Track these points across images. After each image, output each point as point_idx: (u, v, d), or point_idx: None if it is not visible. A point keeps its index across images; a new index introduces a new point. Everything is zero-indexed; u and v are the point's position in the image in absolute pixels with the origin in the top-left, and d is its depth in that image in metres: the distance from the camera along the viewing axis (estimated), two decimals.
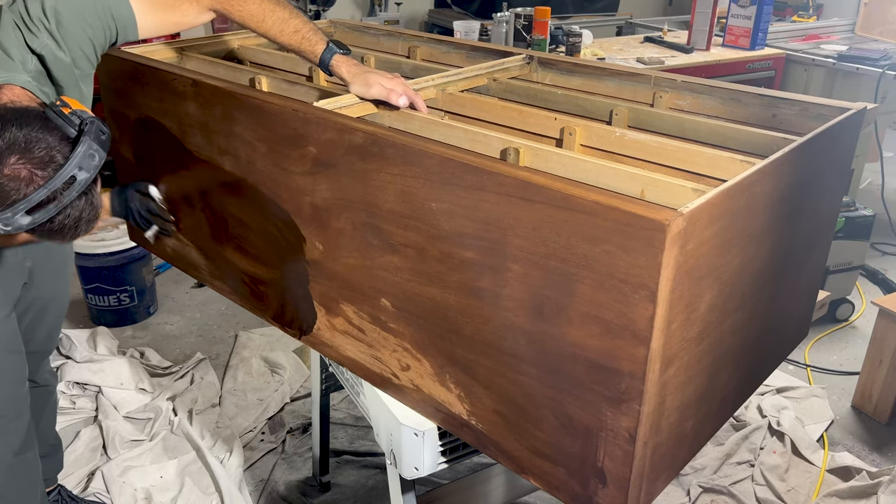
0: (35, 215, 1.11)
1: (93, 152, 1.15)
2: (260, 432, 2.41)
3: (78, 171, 1.13)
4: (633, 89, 1.62)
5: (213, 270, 1.75)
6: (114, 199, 1.72)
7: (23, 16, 1.29)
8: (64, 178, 1.12)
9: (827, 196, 1.44)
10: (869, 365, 2.48)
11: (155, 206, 1.72)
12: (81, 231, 1.20)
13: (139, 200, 1.71)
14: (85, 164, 1.14)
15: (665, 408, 1.07)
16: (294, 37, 1.47)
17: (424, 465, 1.38)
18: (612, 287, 0.98)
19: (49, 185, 1.11)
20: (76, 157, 1.13)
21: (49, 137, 1.13)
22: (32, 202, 1.10)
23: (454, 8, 4.83)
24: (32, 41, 1.30)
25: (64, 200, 1.13)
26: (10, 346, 1.60)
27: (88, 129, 1.15)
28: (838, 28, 3.87)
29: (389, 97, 1.42)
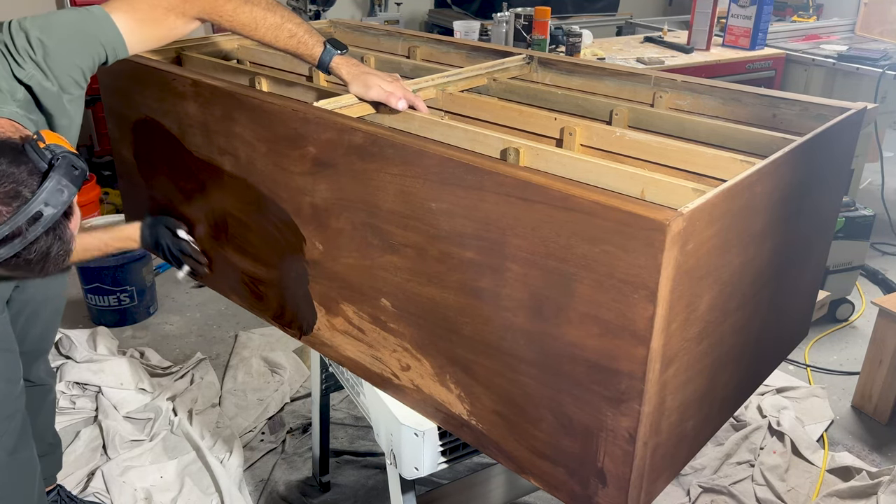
0: (2, 250, 1.08)
1: (61, 188, 1.11)
2: (260, 432, 2.41)
3: (44, 206, 1.09)
4: (633, 89, 1.62)
5: (214, 272, 1.75)
6: (144, 230, 1.70)
7: (8, 46, 1.27)
8: (29, 213, 1.09)
9: (827, 196, 1.44)
10: (869, 365, 2.47)
11: (187, 247, 1.69)
12: (51, 268, 1.16)
13: (171, 239, 1.68)
14: (52, 200, 1.10)
15: (665, 408, 1.07)
16: (290, 41, 1.46)
17: (424, 465, 1.38)
18: (612, 287, 0.98)
19: (12, 221, 1.07)
20: (43, 192, 1.09)
21: (17, 172, 1.10)
22: None
23: (454, 8, 4.83)
24: (19, 72, 1.27)
25: (29, 237, 1.09)
26: (1, 344, 1.59)
27: (59, 164, 1.12)
28: (838, 28, 3.87)
29: (388, 100, 1.42)
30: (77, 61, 1.33)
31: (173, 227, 1.69)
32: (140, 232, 1.70)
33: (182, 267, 1.71)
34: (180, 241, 1.68)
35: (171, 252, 1.69)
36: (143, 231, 1.70)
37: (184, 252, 1.69)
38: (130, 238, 1.70)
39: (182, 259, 1.69)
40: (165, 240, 1.68)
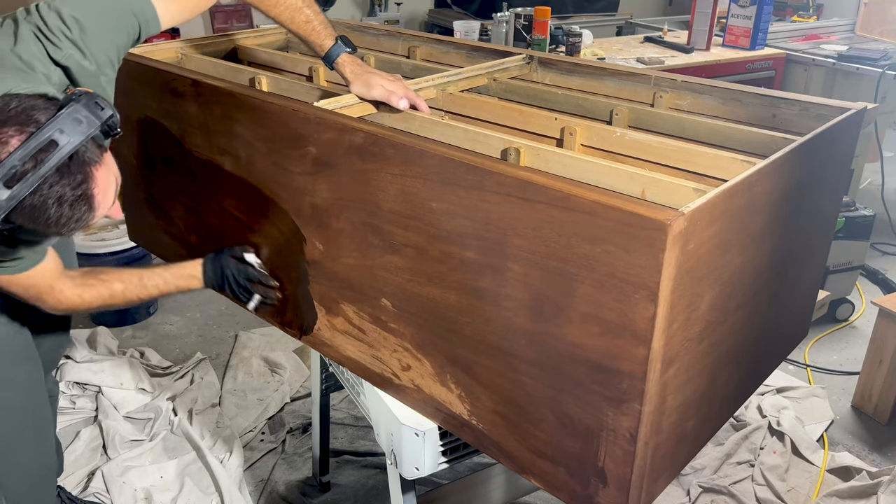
0: (15, 188, 1.01)
1: (80, 118, 1.05)
2: (260, 432, 2.41)
3: (59, 133, 1.02)
4: (633, 89, 1.62)
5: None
6: (207, 266, 1.54)
7: (41, 28, 1.23)
8: (42, 140, 1.01)
9: (827, 196, 1.44)
10: (869, 365, 2.47)
11: (254, 273, 1.52)
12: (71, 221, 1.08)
13: (236, 267, 1.51)
14: (68, 128, 1.03)
15: (666, 408, 1.07)
16: (305, 26, 1.47)
17: (425, 465, 1.38)
18: (613, 287, 0.98)
19: (26, 146, 1.00)
20: (58, 118, 1.03)
21: (35, 103, 1.05)
22: (7, 167, 1.00)
23: (454, 8, 4.83)
24: (56, 53, 1.23)
25: (43, 168, 1.02)
26: (25, 353, 1.58)
27: (79, 97, 1.06)
28: (838, 28, 3.87)
29: (390, 99, 1.42)
30: (113, 38, 1.30)
31: (239, 254, 1.53)
32: (202, 268, 1.54)
33: (251, 298, 1.53)
34: (247, 266, 1.52)
35: (238, 282, 1.51)
36: (205, 267, 1.54)
37: (251, 279, 1.52)
38: (193, 276, 1.53)
39: (250, 287, 1.52)
40: (230, 269, 1.51)
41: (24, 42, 1.21)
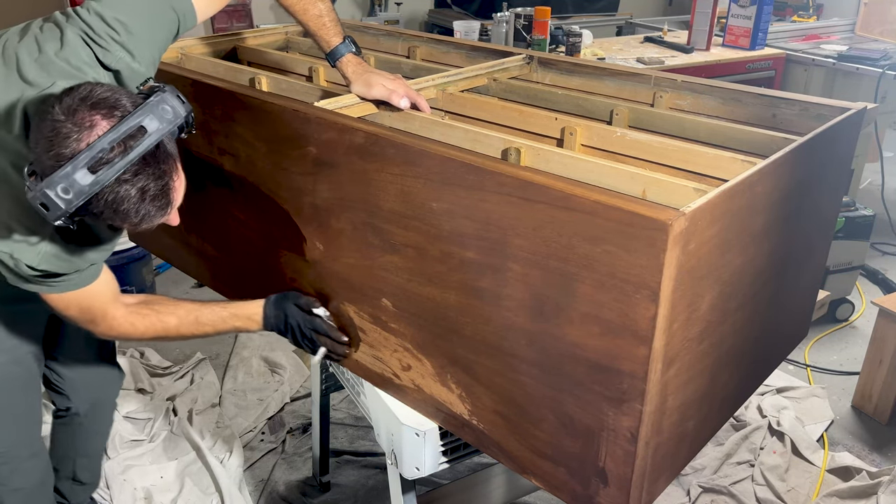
0: (100, 173, 0.99)
1: (166, 106, 1.04)
2: (260, 432, 2.41)
3: (148, 120, 1.01)
4: (633, 89, 1.62)
5: (215, 273, 1.75)
6: (268, 309, 1.45)
7: (87, 33, 1.20)
8: (132, 125, 1.00)
9: (827, 196, 1.44)
10: (869, 365, 2.47)
11: (322, 325, 1.42)
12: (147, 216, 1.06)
13: (302, 318, 1.43)
14: (157, 116, 1.02)
15: (666, 407, 1.07)
16: (316, 20, 1.48)
17: (425, 465, 1.38)
18: (614, 287, 0.98)
19: (116, 130, 0.99)
20: (147, 105, 1.02)
21: (120, 92, 1.04)
22: (95, 150, 0.98)
23: (454, 8, 4.83)
24: (106, 57, 1.21)
25: (131, 155, 1.00)
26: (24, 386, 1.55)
27: (164, 88, 1.05)
28: (838, 28, 3.87)
29: (391, 98, 1.42)
30: (157, 36, 1.29)
31: (305, 306, 1.44)
32: (263, 311, 1.45)
33: (318, 350, 1.44)
34: (314, 318, 1.43)
35: (303, 332, 1.43)
36: (266, 310, 1.45)
37: (318, 331, 1.43)
38: (251, 318, 1.45)
39: (317, 339, 1.43)
40: (295, 319, 1.43)
41: (71, 46, 1.19)
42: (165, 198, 1.08)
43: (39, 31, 1.21)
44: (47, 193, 0.98)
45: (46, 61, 1.17)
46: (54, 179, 0.98)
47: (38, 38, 1.20)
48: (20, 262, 1.17)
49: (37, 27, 1.23)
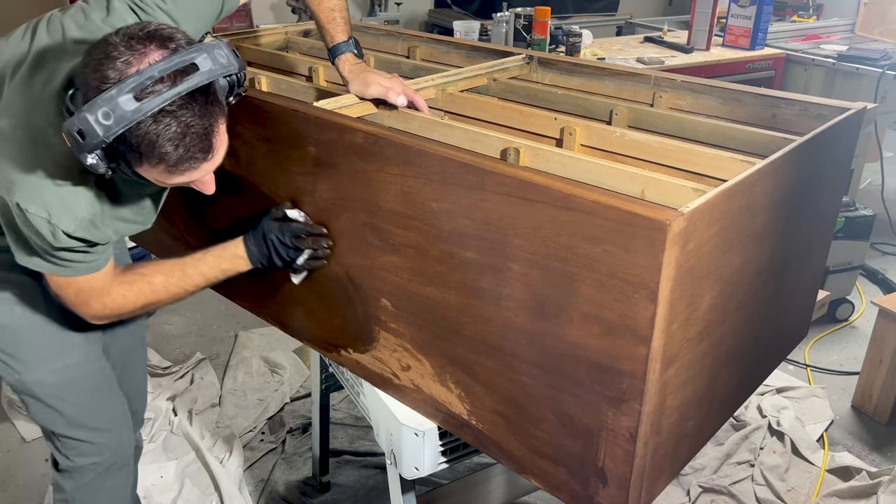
0: (145, 101, 0.95)
1: (222, 53, 1.01)
2: (260, 432, 2.41)
3: (201, 59, 0.98)
4: (633, 89, 1.62)
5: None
6: (249, 241, 1.39)
7: (135, 0, 1.21)
8: (185, 59, 0.97)
9: (827, 196, 1.44)
10: (869, 365, 2.48)
11: (300, 227, 1.37)
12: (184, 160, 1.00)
13: (279, 228, 1.37)
14: (211, 56, 0.99)
15: (666, 407, 1.07)
16: (327, 14, 1.49)
17: (425, 465, 1.38)
18: (613, 287, 0.98)
19: (168, 60, 0.95)
20: (203, 45, 0.99)
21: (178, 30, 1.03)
22: (144, 76, 0.94)
23: (454, 8, 4.82)
24: None
25: (179, 87, 0.96)
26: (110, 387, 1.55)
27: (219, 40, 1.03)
28: (838, 28, 3.87)
29: (387, 96, 1.42)
30: (202, 10, 1.29)
31: (279, 213, 1.39)
32: (244, 244, 1.40)
33: (300, 256, 1.37)
34: (290, 223, 1.37)
35: (284, 243, 1.36)
36: (247, 242, 1.39)
37: (297, 235, 1.36)
38: (236, 255, 1.40)
39: (299, 244, 1.36)
40: (274, 233, 1.37)
41: (117, 13, 1.19)
42: (207, 140, 1.03)
43: (84, 3, 1.22)
44: (87, 118, 0.94)
45: (93, 28, 1.17)
46: (97, 102, 0.94)
47: (84, 8, 1.21)
48: (57, 227, 1.13)
49: (81, 0, 1.24)
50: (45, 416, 1.48)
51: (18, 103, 1.14)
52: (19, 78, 1.15)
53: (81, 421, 1.50)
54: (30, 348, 1.42)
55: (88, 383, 1.50)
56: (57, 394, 1.46)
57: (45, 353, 1.43)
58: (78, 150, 0.98)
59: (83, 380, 1.48)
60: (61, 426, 1.49)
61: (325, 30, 1.50)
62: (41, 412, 1.48)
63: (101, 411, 1.53)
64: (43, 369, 1.43)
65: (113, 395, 1.56)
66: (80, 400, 1.49)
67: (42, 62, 1.15)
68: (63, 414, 1.47)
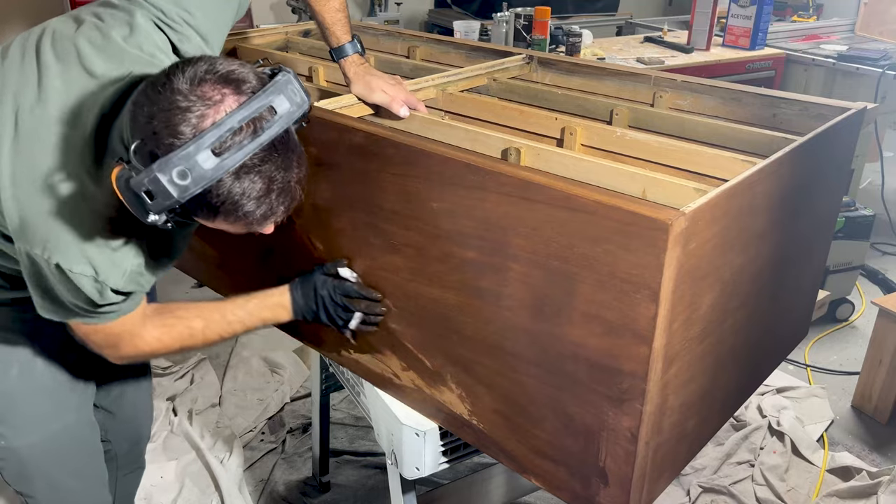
0: (225, 156, 0.84)
1: (294, 89, 0.90)
2: (260, 432, 2.41)
3: (278, 99, 0.87)
4: (633, 89, 1.62)
5: (215, 273, 1.75)
6: (295, 292, 1.33)
7: (159, 17, 1.10)
8: (263, 104, 0.86)
9: (827, 196, 1.44)
10: (869, 365, 2.48)
11: (353, 288, 1.31)
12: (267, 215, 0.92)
13: (331, 285, 1.31)
14: (287, 95, 0.88)
15: (667, 407, 1.07)
16: (333, 15, 1.48)
17: (425, 465, 1.38)
18: (614, 287, 0.98)
19: (246, 107, 0.85)
20: (277, 83, 0.88)
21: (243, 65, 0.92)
22: (224, 129, 0.84)
23: (454, 8, 4.82)
24: (182, 42, 1.11)
25: (262, 136, 0.86)
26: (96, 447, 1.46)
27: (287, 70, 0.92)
28: (838, 28, 3.87)
29: (391, 105, 1.42)
30: (224, 17, 1.21)
31: (332, 270, 1.34)
32: (290, 294, 1.34)
33: (352, 319, 1.32)
34: (343, 282, 1.32)
35: (334, 301, 1.31)
36: (293, 293, 1.33)
37: (349, 294, 1.31)
38: (280, 305, 1.33)
39: (350, 305, 1.31)
40: (325, 288, 1.31)
41: (142, 32, 1.08)
42: (291, 193, 0.94)
43: (98, 20, 1.09)
44: (158, 178, 0.83)
45: (116, 50, 1.05)
46: (171, 161, 0.83)
47: (100, 26, 1.08)
48: (105, 285, 1.02)
49: (91, 16, 1.11)
50: (26, 482, 1.38)
51: (41, 147, 1.01)
52: (36, 116, 1.02)
53: (66, 485, 1.41)
54: (24, 413, 1.32)
55: (78, 446, 1.41)
56: (46, 459, 1.36)
57: (40, 418, 1.34)
58: (141, 210, 0.87)
59: (74, 442, 1.40)
60: (43, 491, 1.39)
61: (329, 31, 1.49)
62: (24, 479, 1.37)
63: (85, 474, 1.46)
64: (36, 434, 1.34)
65: (97, 455, 1.48)
66: (67, 464, 1.40)
67: (61, 96, 1.02)
68: (49, 479, 1.38)
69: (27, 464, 1.35)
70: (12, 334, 1.29)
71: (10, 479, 1.38)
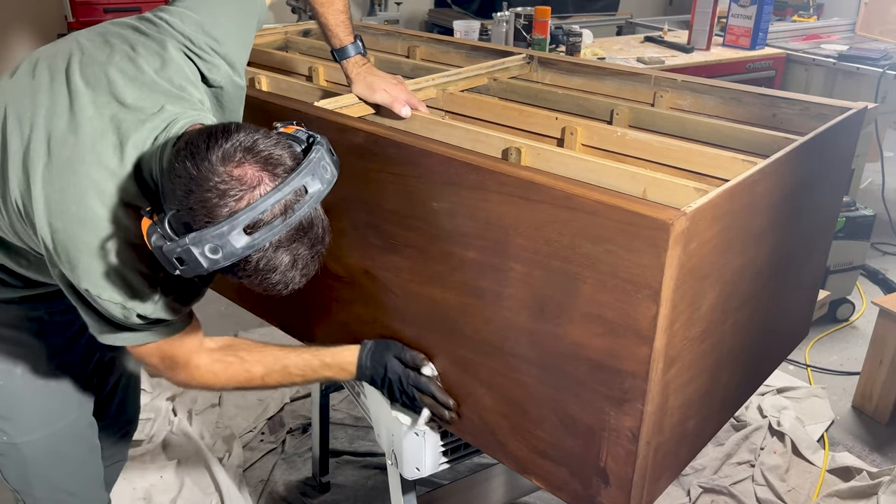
0: (256, 236, 0.87)
1: (325, 164, 0.92)
2: (260, 432, 2.41)
3: (311, 179, 0.90)
4: (633, 89, 1.62)
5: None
6: (365, 359, 1.31)
7: (188, 46, 1.11)
8: (296, 186, 0.88)
9: (827, 196, 1.44)
10: (869, 365, 2.47)
11: (428, 385, 1.28)
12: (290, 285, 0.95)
13: (404, 374, 1.29)
14: (319, 175, 0.91)
15: (668, 407, 1.07)
16: (336, 17, 1.47)
17: (426, 466, 1.37)
18: (615, 287, 0.98)
19: (280, 190, 0.87)
20: (309, 162, 0.90)
21: (279, 141, 0.93)
22: (257, 212, 0.86)
23: (454, 8, 4.83)
24: (212, 72, 1.12)
25: (293, 218, 0.89)
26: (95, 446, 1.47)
27: (319, 140, 0.94)
28: (838, 28, 3.87)
29: (393, 106, 1.42)
30: (246, 38, 1.19)
31: (411, 362, 1.29)
32: (358, 361, 1.31)
33: (421, 412, 1.30)
34: (418, 375, 1.29)
35: (403, 389, 1.29)
36: (361, 360, 1.31)
37: (421, 390, 1.28)
38: (344, 368, 1.32)
39: (419, 399, 1.29)
40: (396, 373, 1.29)
41: (174, 64, 1.09)
42: (314, 265, 0.97)
43: (131, 50, 1.09)
44: (191, 251, 0.87)
45: (148, 81, 1.06)
46: (205, 237, 0.86)
47: (133, 57, 1.08)
48: (132, 311, 1.05)
49: (122, 42, 1.10)
50: (25, 480, 1.39)
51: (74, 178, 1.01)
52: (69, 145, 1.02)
53: (64, 486, 1.42)
54: (27, 410, 1.34)
55: (78, 444, 1.43)
56: (46, 456, 1.38)
57: (43, 416, 1.35)
58: (170, 269, 0.90)
59: (74, 440, 1.41)
60: (41, 490, 1.40)
61: (332, 32, 1.48)
62: (22, 476, 1.38)
63: (83, 473, 1.46)
64: (38, 432, 1.35)
65: (95, 454, 1.48)
66: (67, 463, 1.42)
67: (92, 123, 1.02)
68: (48, 477, 1.39)
69: (28, 461, 1.36)
70: (19, 332, 1.30)
71: (8, 477, 1.39)
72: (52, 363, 1.34)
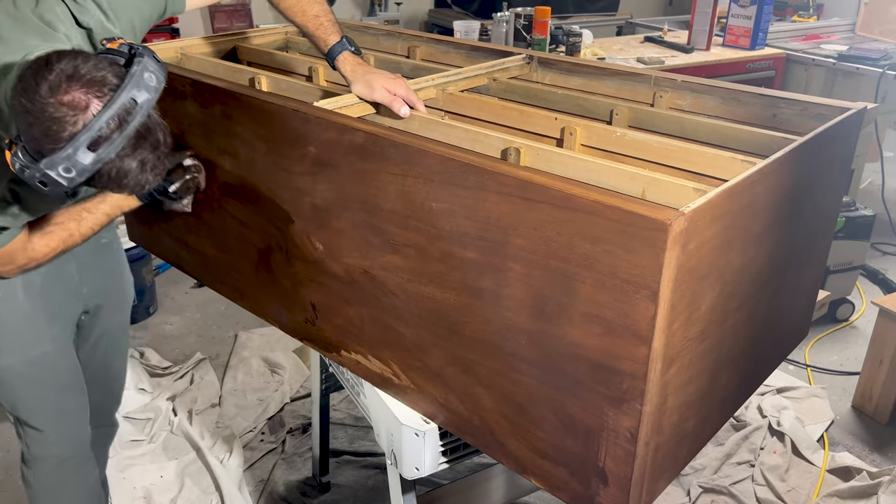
0: (100, 151, 1.01)
1: (150, 74, 1.04)
2: (260, 432, 2.41)
3: (137, 91, 1.02)
4: (633, 89, 1.62)
5: (215, 273, 1.75)
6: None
7: None
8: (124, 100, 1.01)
9: (827, 196, 1.44)
10: (869, 365, 2.47)
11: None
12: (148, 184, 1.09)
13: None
14: (144, 85, 1.03)
15: (667, 407, 1.07)
16: (313, 21, 1.49)
17: (425, 466, 1.38)
18: (614, 287, 0.98)
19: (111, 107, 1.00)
20: (132, 76, 1.03)
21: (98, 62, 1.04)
22: (94, 131, 1.00)
23: (454, 8, 4.83)
24: (81, 14, 1.23)
25: (128, 129, 1.02)
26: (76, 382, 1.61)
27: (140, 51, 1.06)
28: (838, 28, 3.87)
29: (392, 105, 1.42)
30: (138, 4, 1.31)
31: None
32: None
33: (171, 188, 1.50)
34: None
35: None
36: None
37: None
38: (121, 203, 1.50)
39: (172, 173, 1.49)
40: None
41: (46, 3, 1.21)
42: (162, 164, 1.11)
43: None
44: (48, 174, 1.01)
45: (22, 18, 1.19)
46: (55, 160, 1.00)
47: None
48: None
49: None
50: (10, 399, 1.55)
51: None
52: None
53: (43, 411, 1.56)
54: (4, 336, 1.47)
55: (55, 375, 1.56)
56: (25, 382, 1.52)
57: (19, 342, 1.49)
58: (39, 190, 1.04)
59: (51, 370, 1.54)
60: (24, 412, 1.55)
61: (315, 36, 1.50)
62: (7, 395, 1.54)
63: (63, 404, 1.59)
64: (16, 357, 1.49)
65: (77, 391, 1.61)
66: (45, 391, 1.55)
67: None
68: (27, 401, 1.54)
69: (11, 384, 1.51)
70: None
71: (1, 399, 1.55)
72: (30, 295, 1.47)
